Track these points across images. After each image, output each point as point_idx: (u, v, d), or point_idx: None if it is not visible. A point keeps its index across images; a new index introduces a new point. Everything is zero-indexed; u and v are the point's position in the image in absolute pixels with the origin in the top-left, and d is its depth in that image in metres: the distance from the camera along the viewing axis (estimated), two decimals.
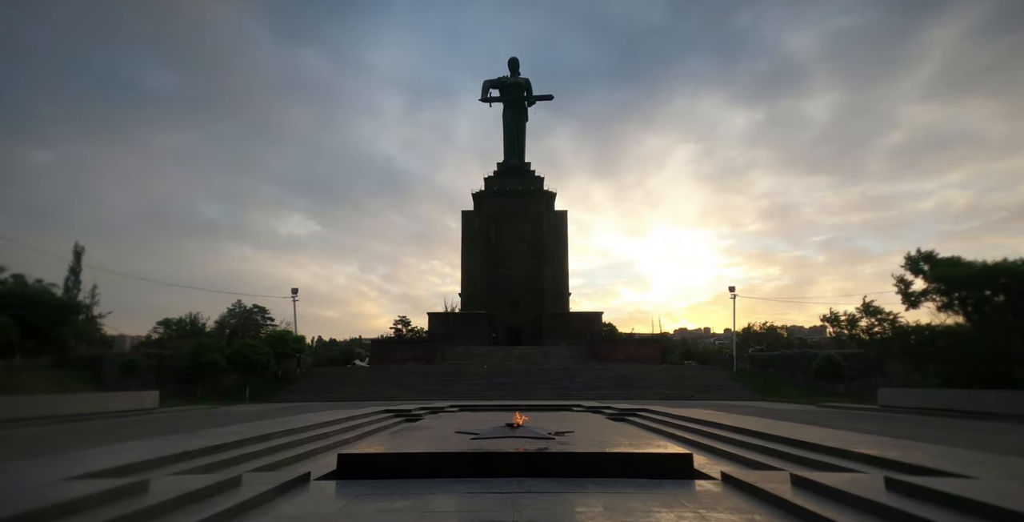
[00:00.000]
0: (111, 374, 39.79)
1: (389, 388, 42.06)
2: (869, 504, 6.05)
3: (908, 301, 33.11)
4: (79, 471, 7.11)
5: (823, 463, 8.97)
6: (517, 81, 72.58)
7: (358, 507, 6.89)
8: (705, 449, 11.96)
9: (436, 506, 6.82)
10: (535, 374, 45.96)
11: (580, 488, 7.77)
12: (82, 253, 54.38)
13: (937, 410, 26.87)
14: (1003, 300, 29.57)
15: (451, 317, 64.66)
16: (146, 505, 5.81)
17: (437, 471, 8.66)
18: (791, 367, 46.50)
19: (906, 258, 33.11)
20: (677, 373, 47.56)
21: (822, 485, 6.88)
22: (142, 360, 41.83)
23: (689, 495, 7.50)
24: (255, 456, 10.36)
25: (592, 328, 62.25)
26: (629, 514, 6.22)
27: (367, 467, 8.81)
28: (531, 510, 6.33)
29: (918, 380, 33.46)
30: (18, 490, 5.95)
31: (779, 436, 11.57)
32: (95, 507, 5.55)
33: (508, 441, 10.22)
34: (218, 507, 6.19)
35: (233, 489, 7.09)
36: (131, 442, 11.29)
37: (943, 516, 5.36)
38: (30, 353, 38.27)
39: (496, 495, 7.28)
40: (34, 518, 4.94)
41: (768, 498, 6.95)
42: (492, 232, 66.53)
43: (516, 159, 72.05)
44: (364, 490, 7.75)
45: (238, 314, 72.36)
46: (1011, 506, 5.16)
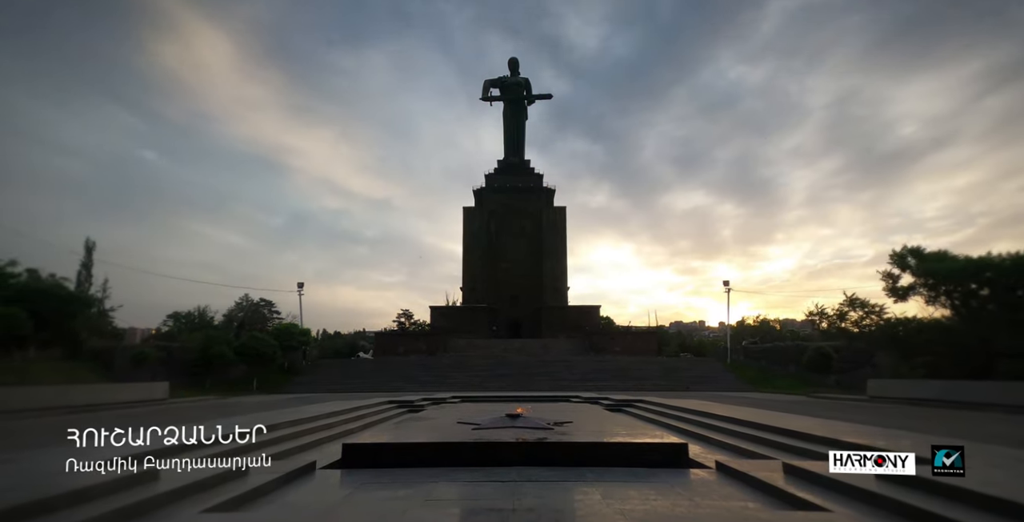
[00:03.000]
0: (122, 366, 39.84)
1: (392, 380, 42.15)
2: (859, 492, 6.05)
3: (896, 295, 33.18)
4: (90, 460, 7.10)
5: (814, 452, 8.97)
6: (517, 80, 72.47)
7: (363, 495, 6.89)
8: (700, 439, 11.96)
9: (439, 494, 6.82)
10: (534, 366, 46.04)
11: (578, 477, 7.77)
12: (93, 248, 54.42)
13: (924, 400, 26.93)
14: (988, 293, 29.62)
15: (453, 310, 64.71)
16: (156, 493, 5.80)
17: (439, 460, 8.65)
18: (783, 359, 46.63)
19: (892, 253, 33.16)
20: (673, 365, 47.67)
21: (813, 473, 6.88)
22: (152, 352, 41.87)
23: (684, 483, 7.50)
24: (262, 446, 10.35)
25: (590, 321, 62.35)
26: (626, 501, 6.22)
27: (371, 456, 8.81)
28: (531, 498, 6.33)
29: (906, 371, 33.55)
30: (30, 479, 5.95)
31: (771, 426, 11.58)
32: (106, 495, 5.55)
33: (508, 431, 10.21)
34: (226, 495, 6.19)
35: (241, 478, 7.09)
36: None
37: (931, 504, 5.36)
38: (44, 345, 38.31)
39: (497, 483, 7.28)
40: (44, 506, 4.94)
41: (761, 486, 6.96)
42: (492, 227, 66.51)
43: (516, 156, 71.98)
44: (368, 479, 7.75)
45: (246, 307, 72.42)
46: (996, 493, 5.17)
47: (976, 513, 4.99)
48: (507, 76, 72.65)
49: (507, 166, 71.09)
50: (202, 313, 68.13)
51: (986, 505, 5.08)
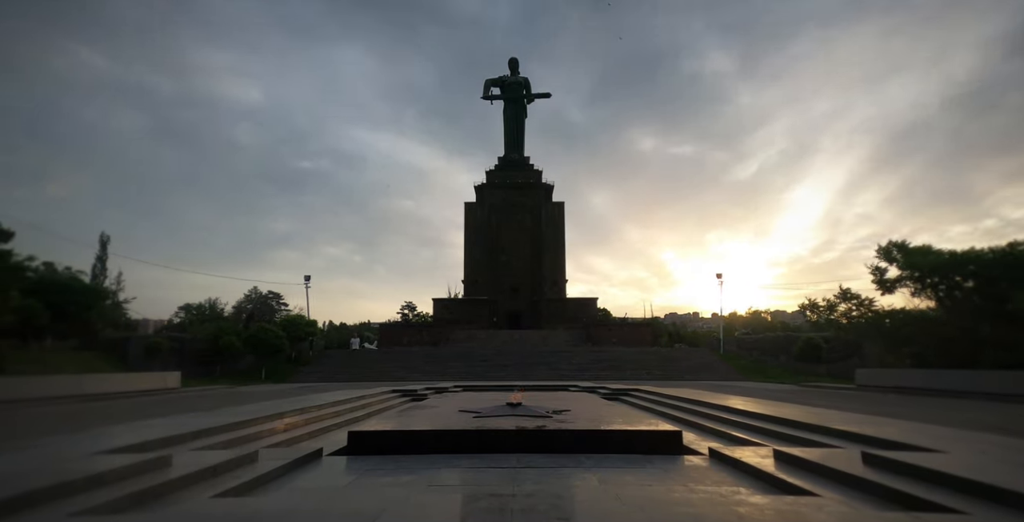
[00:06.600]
0: (135, 356, 39.94)
1: (396, 369, 42.22)
2: (847, 477, 6.08)
3: (883, 287, 33.20)
4: (106, 446, 7.14)
5: (804, 439, 9.00)
6: (517, 79, 72.24)
7: (368, 480, 6.93)
8: (694, 426, 12.00)
9: (441, 479, 6.85)
10: (534, 356, 46.10)
11: (576, 463, 7.79)
12: (107, 242, 54.50)
13: (911, 389, 27.00)
14: (972, 286, 29.65)
15: (454, 303, 64.73)
16: (169, 478, 5.83)
17: (441, 447, 8.68)
18: (775, 349, 46.70)
19: (879, 248, 33.15)
20: (667, 355, 47.72)
21: (803, 460, 6.91)
22: (164, 343, 41.96)
23: (679, 469, 7.53)
24: (271, 433, 10.40)
25: (587, 313, 62.40)
26: (623, 487, 6.24)
27: (376, 443, 8.84)
28: (530, 484, 6.35)
29: (893, 361, 33.63)
30: (49, 464, 5.99)
31: (763, 414, 11.62)
32: (121, 480, 5.58)
33: (508, 419, 10.23)
34: (236, 481, 6.21)
35: (250, 464, 7.12)
36: (154, 419, 11.32)
37: (916, 488, 5.38)
38: (60, 336, 38.43)
39: (497, 470, 7.31)
40: (64, 489, 4.97)
41: (753, 472, 6.98)
42: (493, 222, 66.42)
43: (516, 153, 71.79)
44: (373, 465, 7.78)
45: (254, 300, 72.52)
46: (979, 478, 5.19)
47: (959, 497, 5.01)
48: (507, 75, 72.44)
49: (507, 162, 70.95)
50: (212, 305, 68.28)
51: (969, 489, 5.11)
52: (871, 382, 30.72)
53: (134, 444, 7.44)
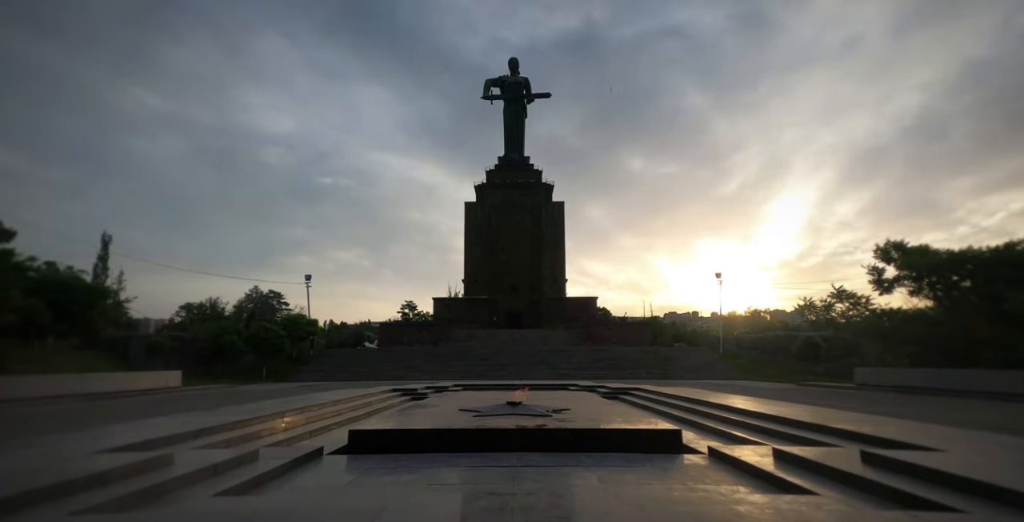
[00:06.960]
0: (136, 355, 39.93)
1: (396, 369, 42.22)
2: (846, 476, 6.07)
3: (881, 287, 33.18)
4: (107, 445, 7.13)
5: (803, 438, 8.99)
6: (517, 79, 72.17)
7: (368, 479, 6.92)
8: (693, 425, 11.99)
9: (441, 478, 6.84)
10: (534, 355, 46.10)
11: (576, 462, 7.79)
12: (109, 242, 54.45)
13: (909, 388, 27.01)
14: (970, 285, 29.63)
15: (455, 302, 64.70)
16: (170, 477, 5.82)
17: (442, 446, 8.67)
18: (774, 349, 46.66)
19: (876, 247, 33.11)
20: (667, 354, 47.71)
21: (802, 458, 6.90)
22: (166, 342, 41.94)
23: (678, 468, 7.53)
24: (272, 432, 10.39)
25: (587, 312, 62.38)
26: (622, 486, 6.24)
27: (377, 442, 8.83)
28: (530, 482, 6.34)
29: (891, 360, 33.61)
30: (50, 463, 5.97)
31: (762, 413, 11.61)
32: (122, 478, 5.57)
33: (508, 418, 10.23)
34: (237, 479, 6.21)
35: (251, 463, 7.11)
36: (155, 418, 11.32)
37: (914, 487, 5.38)
38: (61, 335, 38.42)
39: (497, 468, 7.30)
40: (65, 488, 4.96)
41: (752, 471, 6.97)
42: (493, 222, 66.39)
43: (516, 153, 71.73)
44: (374, 464, 7.77)
45: (255, 299, 72.46)
46: (977, 477, 5.19)
47: (959, 495, 5.00)
48: (507, 75, 72.37)
49: (507, 162, 70.90)
50: (214, 304, 68.19)
51: (968, 488, 5.10)
52: (870, 381, 30.72)
53: (135, 443, 7.43)
